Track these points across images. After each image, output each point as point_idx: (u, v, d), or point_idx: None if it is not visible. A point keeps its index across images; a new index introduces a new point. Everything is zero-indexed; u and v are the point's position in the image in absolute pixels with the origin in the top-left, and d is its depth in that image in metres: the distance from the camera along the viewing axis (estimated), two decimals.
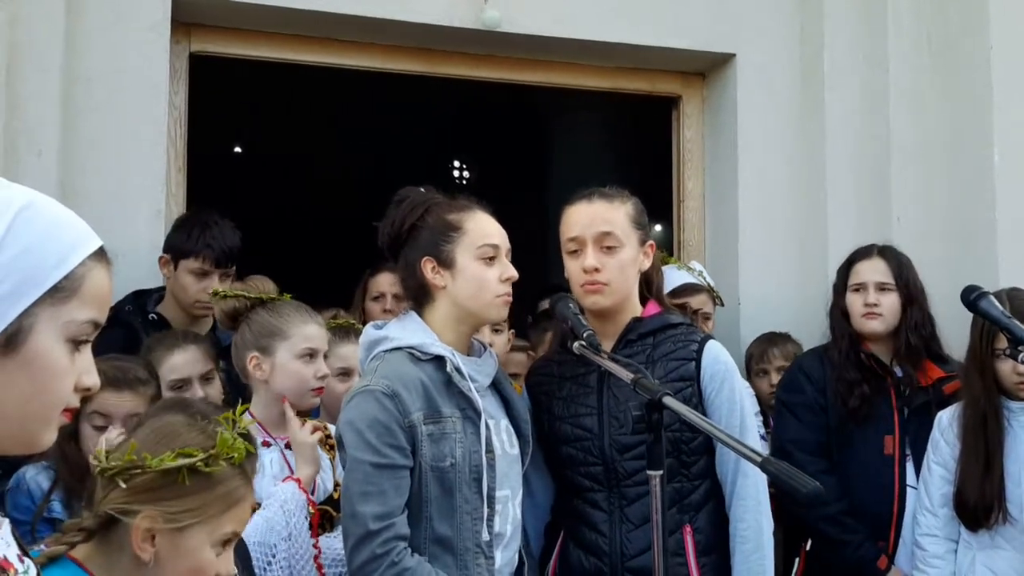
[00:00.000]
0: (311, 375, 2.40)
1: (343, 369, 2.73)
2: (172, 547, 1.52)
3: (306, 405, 2.43)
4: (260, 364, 2.39)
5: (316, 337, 2.43)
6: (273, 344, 2.39)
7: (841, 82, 3.80)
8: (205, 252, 2.94)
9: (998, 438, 2.70)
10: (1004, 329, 2.26)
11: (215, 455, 1.55)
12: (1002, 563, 2.67)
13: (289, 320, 2.41)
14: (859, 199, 3.76)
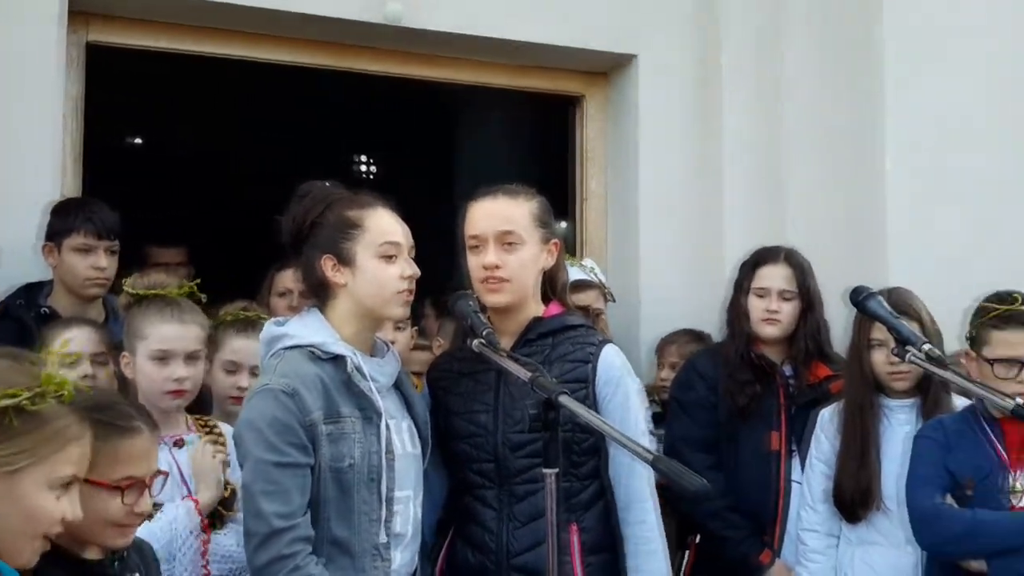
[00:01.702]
0: (163, 378, 2.35)
1: (231, 363, 2.70)
2: (7, 491, 1.48)
3: (164, 408, 2.37)
4: (129, 363, 2.38)
5: (171, 339, 2.37)
6: (134, 344, 2.38)
7: (738, 84, 3.90)
8: (85, 227, 2.95)
9: (873, 430, 2.79)
10: (892, 328, 2.34)
11: (41, 392, 1.51)
12: (879, 557, 2.76)
13: (148, 320, 2.38)
14: (754, 199, 3.86)
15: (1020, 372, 2.54)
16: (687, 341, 3.57)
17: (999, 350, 2.58)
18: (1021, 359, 2.55)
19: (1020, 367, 2.54)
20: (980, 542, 2.49)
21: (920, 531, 2.61)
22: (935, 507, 2.58)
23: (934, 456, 2.62)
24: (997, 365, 2.57)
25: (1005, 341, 2.58)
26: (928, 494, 2.60)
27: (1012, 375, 2.54)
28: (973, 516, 2.52)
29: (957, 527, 2.53)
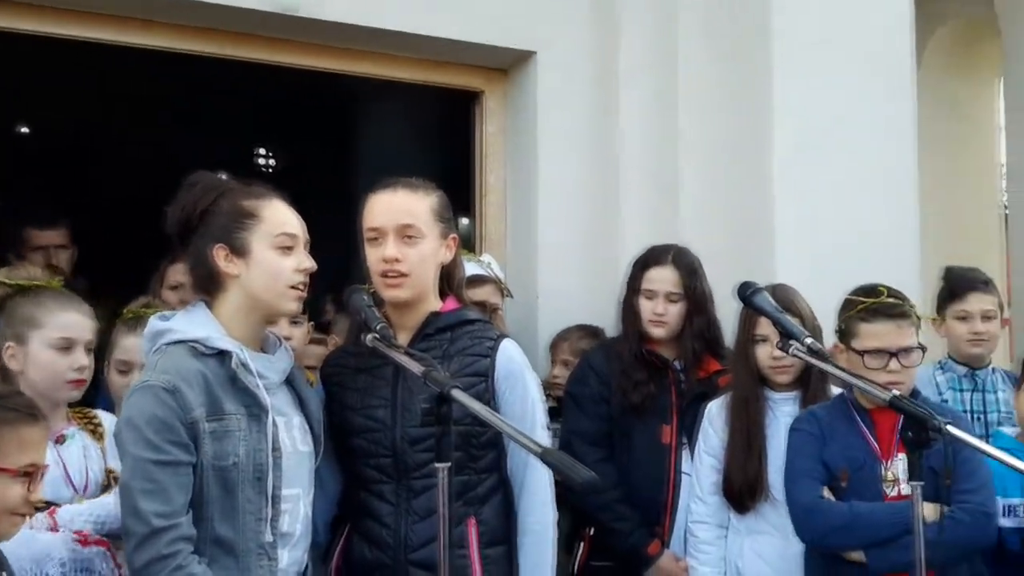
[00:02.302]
0: (66, 367, 2.29)
1: (122, 363, 2.63)
2: None
3: (63, 399, 2.31)
4: (15, 354, 2.28)
5: (74, 326, 2.31)
6: (27, 333, 2.28)
7: (635, 83, 3.94)
8: None
9: (759, 422, 2.86)
10: (776, 323, 2.40)
11: None
12: (767, 547, 2.83)
13: (45, 308, 2.30)
14: (649, 197, 3.91)
15: (889, 362, 2.63)
16: (579, 337, 3.61)
17: (867, 342, 2.67)
18: (889, 350, 2.64)
19: (889, 357, 2.63)
20: (858, 534, 2.57)
21: (800, 525, 2.68)
22: (814, 501, 2.65)
23: (810, 449, 2.70)
24: (867, 356, 2.66)
25: (873, 333, 2.67)
26: (807, 487, 2.67)
27: (881, 365, 2.63)
28: (850, 509, 2.59)
29: (835, 520, 2.61)
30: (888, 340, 2.65)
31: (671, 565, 3.02)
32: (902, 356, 2.64)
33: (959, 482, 2.53)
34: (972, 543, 2.54)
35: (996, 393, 3.34)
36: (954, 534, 2.51)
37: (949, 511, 2.55)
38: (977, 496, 2.54)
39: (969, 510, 2.54)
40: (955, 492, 2.54)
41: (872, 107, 3.70)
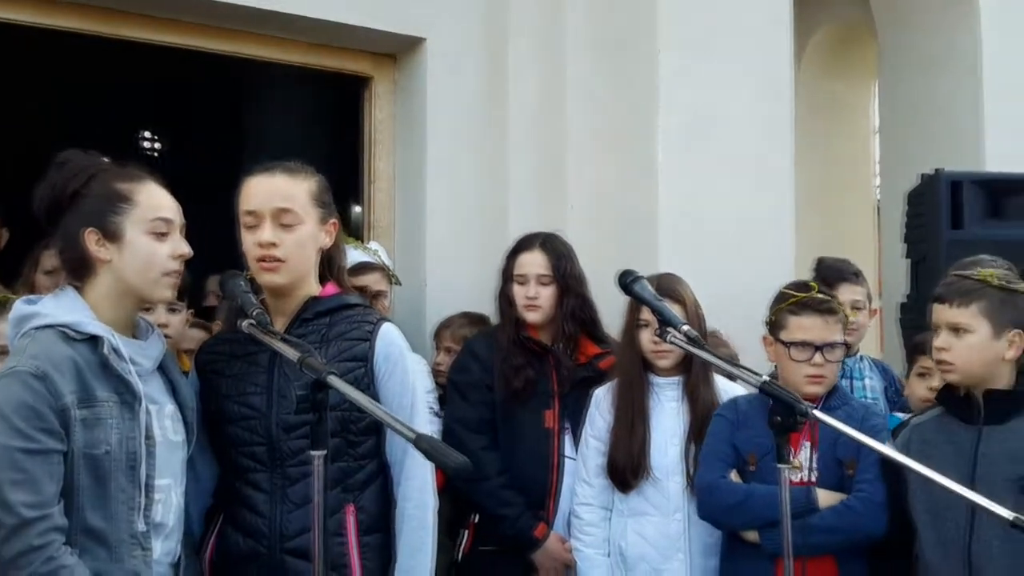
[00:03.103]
0: None
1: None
2: None
3: None
4: None
5: None
6: None
7: (524, 74, 3.97)
8: None
9: (643, 405, 2.94)
10: (655, 311, 2.45)
11: None
12: (649, 527, 2.90)
13: None
14: (538, 187, 3.94)
15: (814, 355, 2.73)
16: (462, 325, 3.62)
17: (795, 334, 2.77)
18: (815, 343, 2.74)
19: (814, 351, 2.73)
20: (751, 514, 2.65)
21: (700, 502, 2.79)
22: (715, 480, 2.74)
23: (723, 433, 2.79)
24: (793, 348, 2.76)
25: (801, 326, 2.76)
26: (713, 468, 2.76)
27: (806, 358, 2.73)
28: (747, 490, 2.69)
29: (731, 499, 2.70)
30: (815, 334, 2.75)
31: (557, 548, 3.07)
32: (827, 351, 2.74)
33: (859, 472, 2.65)
34: (863, 531, 2.63)
35: (864, 380, 3.49)
36: (846, 521, 2.62)
37: (845, 499, 2.66)
38: (872, 486, 2.63)
39: (863, 499, 2.64)
40: (855, 482, 2.66)
41: (752, 103, 3.82)
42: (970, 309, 2.47)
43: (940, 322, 2.52)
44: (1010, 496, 2.35)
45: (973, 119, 4.58)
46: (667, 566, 2.86)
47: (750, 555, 2.69)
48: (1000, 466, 2.41)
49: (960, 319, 2.47)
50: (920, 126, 4.84)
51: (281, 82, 6.93)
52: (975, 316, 2.46)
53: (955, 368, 2.49)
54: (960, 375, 2.50)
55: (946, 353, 2.49)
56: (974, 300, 2.47)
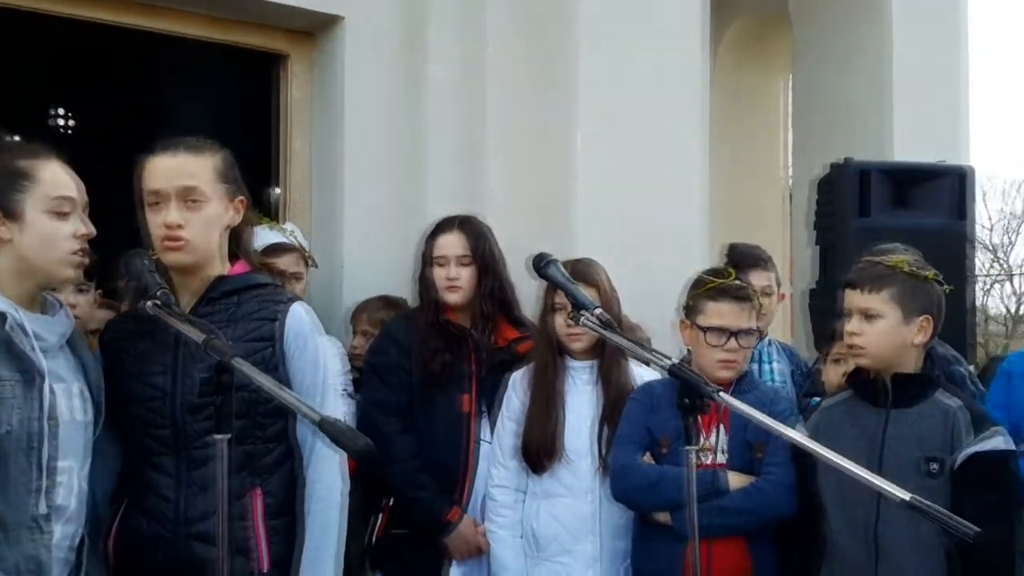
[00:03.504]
0: None
1: None
2: None
3: None
4: None
5: None
6: None
7: (443, 56, 3.94)
8: None
9: (558, 388, 2.97)
10: (568, 294, 2.46)
11: None
12: (561, 508, 2.93)
13: None
14: (457, 169, 3.93)
15: (728, 340, 2.78)
16: (378, 308, 3.60)
17: (711, 319, 2.81)
18: (730, 329, 2.79)
19: (728, 336, 2.78)
20: (663, 495, 2.69)
21: (614, 484, 2.82)
22: (629, 463, 2.78)
23: (638, 416, 2.83)
24: (708, 333, 2.80)
25: (717, 311, 2.81)
26: (626, 450, 2.80)
27: (720, 343, 2.79)
28: (660, 472, 2.72)
29: (642, 481, 2.74)
30: (730, 319, 2.80)
31: (469, 531, 3.07)
32: (740, 336, 2.80)
33: (768, 455, 2.71)
34: (771, 513, 2.69)
35: (772, 364, 3.57)
36: (754, 503, 2.68)
37: (754, 481, 2.71)
38: (781, 469, 2.69)
39: (771, 481, 2.70)
40: (764, 464, 2.72)
41: (667, 92, 3.88)
42: (881, 295, 2.53)
43: (852, 307, 2.57)
44: (915, 477, 2.44)
45: (881, 110, 4.71)
46: (578, 547, 2.89)
47: (662, 536, 2.73)
48: (906, 448, 2.49)
49: (871, 304, 2.53)
50: (830, 117, 4.96)
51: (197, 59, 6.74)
52: (886, 302, 2.53)
53: (866, 352, 2.55)
54: (871, 359, 2.56)
55: (858, 338, 2.55)
56: (885, 286, 2.53)
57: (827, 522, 2.57)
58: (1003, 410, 2.88)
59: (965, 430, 2.46)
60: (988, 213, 21.49)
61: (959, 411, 2.49)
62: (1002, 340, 18.99)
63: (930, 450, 2.47)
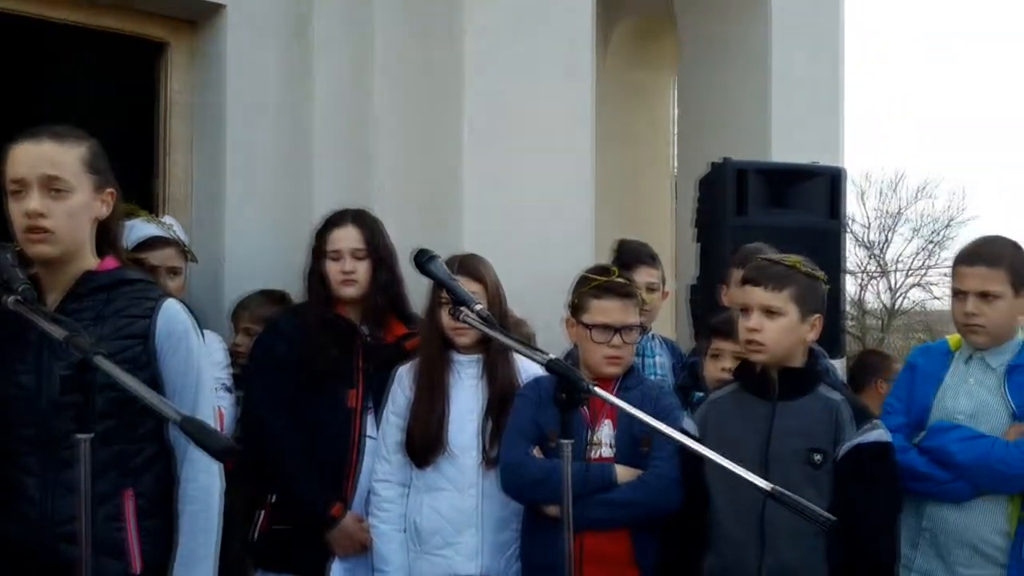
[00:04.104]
0: None
1: None
2: None
3: None
4: None
5: None
6: None
7: (330, 48, 3.90)
8: None
9: (443, 382, 2.98)
10: (449, 290, 2.47)
11: None
12: (443, 502, 2.93)
13: None
14: (343, 163, 3.89)
15: (613, 337, 2.83)
16: (260, 304, 3.54)
17: (596, 317, 2.85)
18: (614, 326, 2.83)
19: (613, 333, 2.83)
20: (552, 489, 2.68)
21: (504, 478, 2.84)
22: (518, 457, 2.81)
23: (527, 411, 2.85)
24: (594, 330, 2.85)
25: (602, 309, 2.85)
26: (516, 445, 2.83)
27: (606, 340, 2.83)
28: (551, 466, 2.74)
29: (533, 475, 2.77)
30: (614, 317, 2.84)
31: (353, 527, 3.05)
32: (625, 333, 2.85)
33: (654, 449, 2.76)
34: (656, 506, 2.74)
35: (655, 357, 3.64)
36: (640, 496, 2.73)
37: (641, 475, 2.76)
38: (666, 463, 2.74)
39: (657, 475, 2.75)
40: (650, 458, 2.77)
41: (555, 89, 3.91)
42: (783, 293, 2.60)
43: (753, 304, 2.63)
44: (801, 467, 2.53)
45: (761, 111, 4.85)
46: (460, 540, 2.91)
47: (549, 529, 2.75)
48: (792, 439, 2.57)
49: (774, 302, 2.60)
50: (714, 116, 5.09)
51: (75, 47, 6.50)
52: (787, 300, 2.60)
53: (765, 348, 2.61)
54: (768, 355, 2.62)
55: (758, 334, 2.60)
56: (786, 285, 2.61)
57: (713, 510, 2.63)
58: (904, 402, 2.97)
59: (848, 422, 2.55)
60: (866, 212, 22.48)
61: (842, 404, 2.59)
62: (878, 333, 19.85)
63: (815, 441, 2.55)
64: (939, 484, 2.79)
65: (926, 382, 2.93)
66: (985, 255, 2.85)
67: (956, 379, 2.90)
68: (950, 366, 2.93)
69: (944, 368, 2.93)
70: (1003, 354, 2.86)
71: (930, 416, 2.88)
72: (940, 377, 2.91)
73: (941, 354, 2.98)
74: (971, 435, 2.77)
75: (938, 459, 2.79)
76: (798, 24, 4.95)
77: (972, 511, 2.78)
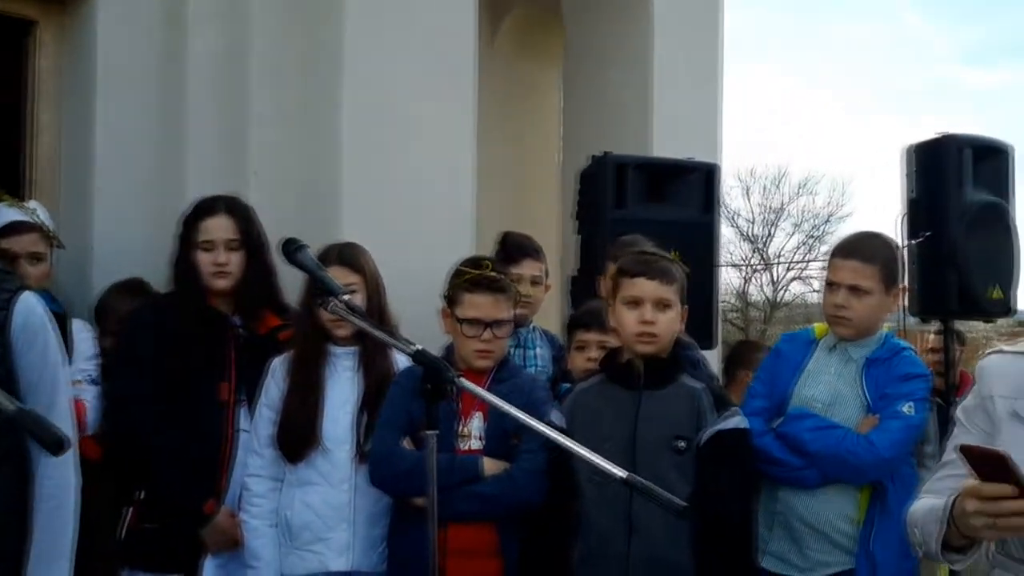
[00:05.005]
0: None
1: None
2: None
3: None
4: None
5: None
6: None
7: (204, 30, 3.81)
8: None
9: (319, 375, 2.94)
10: (317, 280, 2.45)
11: None
12: (315, 496, 2.90)
13: None
14: (219, 150, 3.81)
15: (484, 331, 2.83)
16: (122, 300, 3.41)
17: (467, 311, 2.86)
18: (484, 320, 2.84)
19: (484, 327, 2.83)
20: (418, 480, 2.66)
21: (373, 469, 2.82)
22: (388, 448, 2.79)
23: (399, 402, 2.83)
24: (465, 324, 2.85)
25: (473, 303, 2.86)
26: (387, 436, 2.80)
27: (477, 334, 2.84)
28: (417, 457, 2.71)
29: (402, 466, 2.75)
30: (485, 311, 2.85)
31: (226, 523, 3.00)
32: (495, 327, 2.85)
33: (524, 442, 2.77)
34: (520, 498, 2.76)
35: (535, 349, 3.66)
36: (504, 489, 2.75)
37: (507, 468, 2.77)
38: (534, 456, 2.76)
39: (523, 468, 2.77)
40: (519, 451, 2.78)
41: (436, 80, 3.89)
42: (673, 287, 2.68)
43: (646, 296, 2.66)
44: (666, 455, 2.59)
45: (643, 107, 4.94)
46: (331, 535, 2.88)
47: (416, 521, 2.75)
48: (657, 427, 2.62)
49: (667, 295, 2.66)
50: (598, 110, 5.15)
51: None
52: (675, 293, 2.68)
53: (658, 339, 2.67)
54: (659, 347, 2.68)
55: (653, 326, 2.65)
56: (675, 279, 2.68)
57: (584, 500, 2.66)
58: (767, 386, 3.07)
59: (709, 410, 2.63)
60: (751, 207, 23.14)
61: (703, 392, 2.66)
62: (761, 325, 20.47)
63: (678, 429, 2.62)
64: (792, 470, 2.90)
65: (788, 368, 3.04)
66: (861, 250, 2.96)
67: (817, 367, 3.01)
68: (813, 354, 3.04)
69: (807, 356, 3.04)
70: (864, 348, 2.98)
71: (789, 402, 2.98)
72: (802, 364, 3.02)
73: (805, 342, 3.09)
74: (824, 425, 2.89)
75: (792, 446, 2.90)
76: (679, 22, 5.05)
77: (822, 498, 2.89)
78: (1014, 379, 1.82)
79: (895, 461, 2.86)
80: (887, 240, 3.07)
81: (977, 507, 1.60)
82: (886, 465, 2.84)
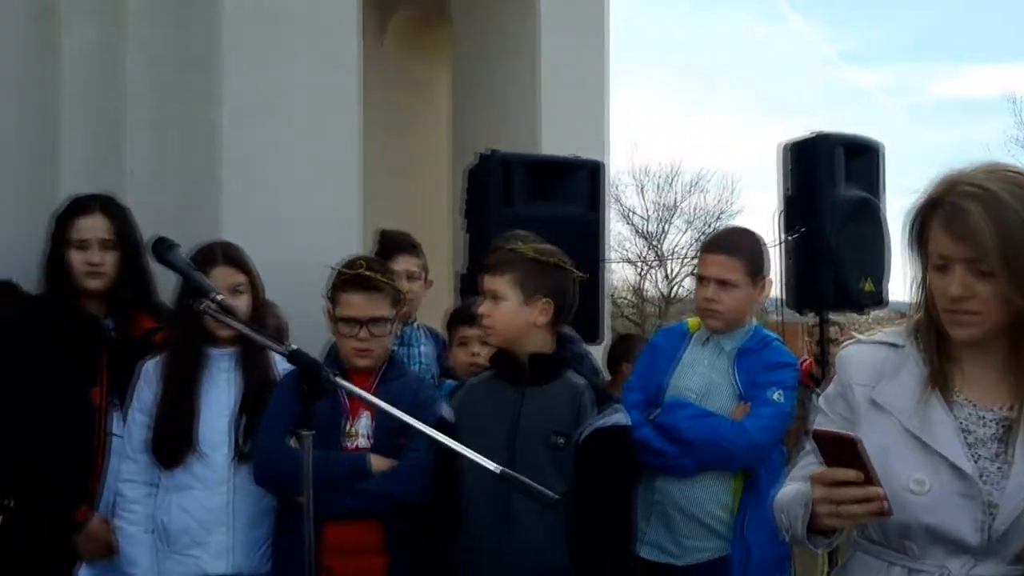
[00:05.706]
0: None
1: None
2: None
3: None
4: None
5: None
6: None
7: (78, 24, 3.72)
8: None
9: (195, 378, 2.89)
10: (188, 279, 2.38)
11: None
12: (192, 501, 2.85)
13: None
14: (93, 147, 3.73)
15: (360, 330, 2.82)
16: None
17: (343, 310, 2.85)
18: (359, 319, 2.82)
19: (360, 326, 2.82)
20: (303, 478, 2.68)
21: (257, 468, 2.80)
22: (272, 447, 2.75)
23: (284, 400, 2.78)
24: (341, 324, 2.84)
25: (348, 302, 2.85)
26: (271, 434, 2.77)
27: (353, 333, 2.83)
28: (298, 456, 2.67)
29: (285, 464, 2.70)
30: (360, 310, 2.83)
31: (100, 530, 2.94)
32: (372, 326, 2.83)
33: (411, 440, 2.77)
34: (405, 495, 2.75)
35: (419, 347, 3.66)
36: (390, 485, 2.75)
37: (393, 465, 2.77)
38: (420, 454, 2.75)
39: (408, 465, 2.77)
40: (406, 449, 2.78)
41: (318, 75, 3.87)
42: (504, 278, 2.67)
43: (482, 289, 2.71)
44: (545, 450, 2.60)
45: (531, 104, 4.98)
46: (210, 539, 2.83)
47: (299, 519, 2.72)
48: (538, 423, 2.64)
49: (496, 287, 2.67)
50: (487, 108, 5.18)
51: None
52: (508, 284, 2.67)
53: (493, 331, 2.69)
54: (496, 338, 2.70)
55: (487, 319, 2.69)
56: (507, 270, 2.68)
57: (466, 494, 2.66)
58: (643, 379, 3.14)
59: (589, 406, 2.65)
60: (645, 204, 23.56)
61: (585, 388, 2.68)
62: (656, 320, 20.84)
63: (559, 425, 2.63)
64: (669, 459, 2.98)
65: (664, 361, 3.12)
66: (726, 244, 3.08)
67: (691, 359, 3.11)
68: (688, 347, 3.13)
69: (681, 348, 3.13)
70: (735, 339, 3.09)
71: (665, 394, 3.06)
72: (677, 357, 3.11)
73: (679, 335, 3.19)
74: (700, 413, 2.98)
75: (669, 435, 2.98)
76: (566, 20, 5.11)
77: (698, 486, 2.98)
78: (870, 368, 1.88)
79: (767, 446, 2.98)
80: (752, 234, 3.18)
81: (822, 493, 1.64)
82: (758, 450, 2.95)
